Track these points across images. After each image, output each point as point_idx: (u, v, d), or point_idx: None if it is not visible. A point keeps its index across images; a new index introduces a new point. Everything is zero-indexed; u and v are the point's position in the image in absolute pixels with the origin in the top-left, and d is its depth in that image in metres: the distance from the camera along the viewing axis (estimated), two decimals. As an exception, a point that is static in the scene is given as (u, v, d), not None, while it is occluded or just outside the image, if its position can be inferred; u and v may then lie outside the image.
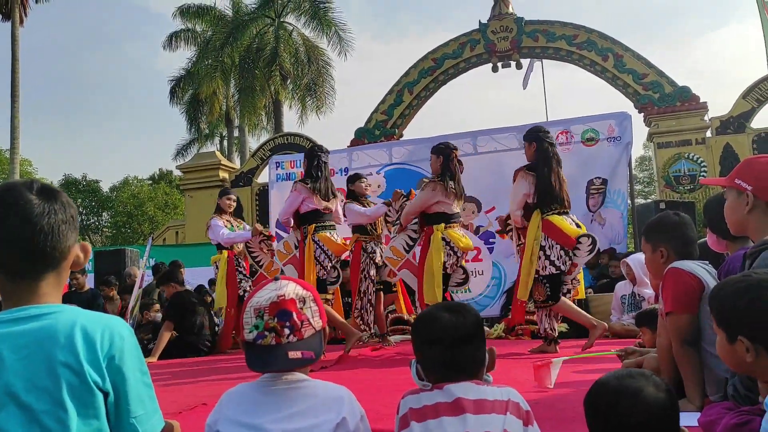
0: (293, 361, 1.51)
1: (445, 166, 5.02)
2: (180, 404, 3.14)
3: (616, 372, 1.43)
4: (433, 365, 1.57)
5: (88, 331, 1.26)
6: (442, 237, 4.88)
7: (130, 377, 1.30)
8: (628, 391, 1.31)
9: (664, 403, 1.30)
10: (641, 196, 29.65)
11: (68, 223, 1.32)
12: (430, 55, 15.12)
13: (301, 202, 5.25)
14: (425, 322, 1.63)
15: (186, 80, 22.41)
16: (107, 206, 34.39)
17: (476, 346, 1.57)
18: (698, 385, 2.41)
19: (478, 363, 1.57)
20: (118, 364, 1.28)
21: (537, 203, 4.71)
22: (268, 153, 15.16)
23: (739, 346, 1.51)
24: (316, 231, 5.22)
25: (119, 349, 1.29)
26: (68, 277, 1.45)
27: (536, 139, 4.84)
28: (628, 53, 13.59)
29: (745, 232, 2.27)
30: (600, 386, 1.38)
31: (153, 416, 1.36)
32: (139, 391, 1.32)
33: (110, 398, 1.27)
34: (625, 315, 5.84)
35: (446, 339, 1.54)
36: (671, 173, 12.86)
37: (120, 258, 9.55)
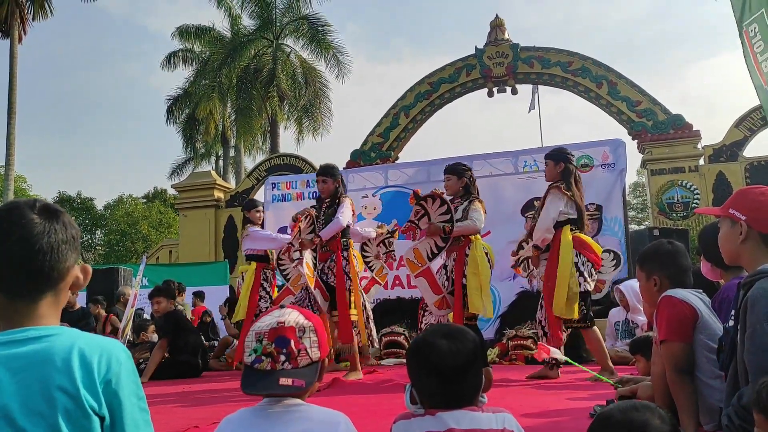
0: (282, 387, 1.51)
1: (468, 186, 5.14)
2: (172, 427, 3.12)
3: (619, 404, 1.41)
4: (429, 393, 1.54)
5: (86, 355, 1.26)
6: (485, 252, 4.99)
7: (126, 402, 1.29)
8: (633, 424, 1.28)
9: None
10: (635, 222, 29.77)
11: (68, 243, 1.31)
12: (427, 79, 15.25)
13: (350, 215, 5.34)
14: (421, 348, 1.57)
15: (183, 100, 22.52)
16: (101, 224, 34.26)
17: (474, 373, 1.53)
18: (693, 414, 2.41)
19: (475, 388, 1.53)
20: (114, 389, 1.27)
21: (568, 221, 4.73)
22: (263, 173, 15.18)
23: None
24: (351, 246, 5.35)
25: (116, 374, 1.28)
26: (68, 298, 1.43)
27: (564, 159, 4.88)
28: (621, 80, 13.74)
29: (739, 261, 2.29)
30: (604, 419, 1.34)
31: None
32: (135, 416, 1.31)
33: (106, 423, 1.26)
34: (618, 341, 5.84)
35: (443, 368, 1.50)
36: (665, 200, 12.93)
37: (113, 277, 9.51)
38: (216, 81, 20.32)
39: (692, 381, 2.44)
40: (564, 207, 4.72)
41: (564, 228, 4.70)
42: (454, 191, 5.12)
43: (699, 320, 2.45)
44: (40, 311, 1.29)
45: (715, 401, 2.35)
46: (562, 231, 4.69)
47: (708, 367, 2.40)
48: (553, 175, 4.90)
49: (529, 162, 7.67)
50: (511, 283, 7.07)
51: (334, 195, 5.32)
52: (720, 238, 2.33)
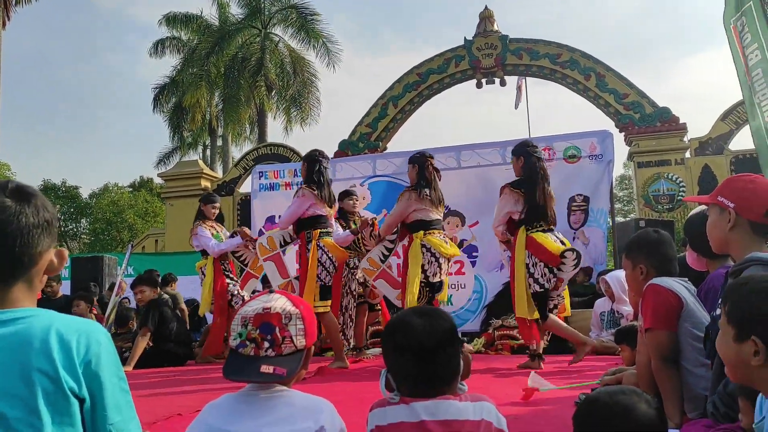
0: (263, 375, 1.49)
1: (420, 174, 5.05)
2: (155, 414, 3.09)
3: (607, 389, 1.40)
4: (404, 374, 1.50)
5: (64, 336, 1.23)
6: (422, 243, 4.88)
7: (107, 383, 1.27)
8: (620, 407, 1.29)
9: (655, 420, 1.28)
10: (621, 214, 29.93)
11: (41, 227, 1.26)
12: (415, 69, 15.21)
13: (308, 207, 5.18)
14: (395, 327, 1.55)
15: (170, 88, 22.31)
16: (86, 213, 33.94)
17: (449, 353, 1.49)
18: (677, 403, 2.42)
19: (452, 372, 1.50)
20: (94, 370, 1.25)
21: (523, 220, 4.73)
22: (251, 163, 15.10)
23: (748, 347, 1.41)
24: (321, 236, 5.13)
25: (96, 355, 1.25)
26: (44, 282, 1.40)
27: (524, 153, 4.85)
28: (610, 73, 13.77)
29: (727, 249, 2.29)
30: (591, 403, 1.34)
31: (130, 423, 1.33)
32: (117, 398, 1.29)
33: (86, 405, 1.24)
34: (604, 332, 5.87)
35: (417, 346, 1.47)
36: (651, 192, 13.01)
37: (97, 265, 9.42)
38: (203, 70, 20.16)
39: (677, 369, 2.45)
40: (512, 207, 4.74)
41: (520, 229, 4.73)
42: (412, 179, 5.14)
43: (684, 309, 2.45)
44: (13, 296, 1.26)
45: (699, 389, 2.35)
46: (518, 233, 4.73)
47: (693, 356, 2.41)
48: (517, 170, 4.91)
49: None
50: (498, 273, 7.08)
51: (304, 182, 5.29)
52: (708, 225, 2.33)
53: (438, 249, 4.90)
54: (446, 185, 7.79)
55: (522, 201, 4.72)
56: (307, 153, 5.49)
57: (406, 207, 4.97)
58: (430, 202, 5.00)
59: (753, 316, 1.41)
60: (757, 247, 2.16)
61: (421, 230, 4.93)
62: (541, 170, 4.84)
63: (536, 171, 4.80)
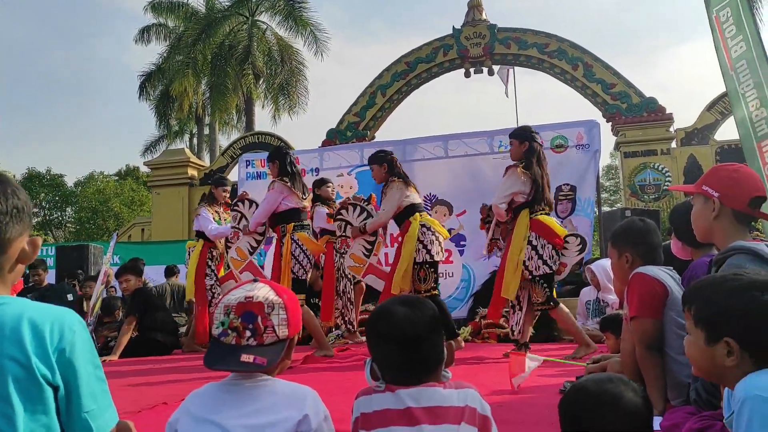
0: (243, 364, 1.48)
1: (391, 168, 5.05)
2: (140, 403, 3.09)
3: (594, 376, 1.40)
4: (388, 363, 1.50)
5: (37, 324, 1.22)
6: (422, 224, 4.86)
7: (82, 371, 1.25)
8: (607, 395, 1.29)
9: (642, 408, 1.29)
10: (607, 204, 30.10)
11: (10, 215, 1.25)
12: (404, 58, 15.16)
13: (281, 200, 5.16)
14: (379, 316, 1.55)
15: (156, 76, 22.07)
16: (71, 201, 33.65)
17: (433, 342, 1.50)
18: (661, 390, 2.44)
19: (435, 360, 1.50)
20: (69, 358, 1.23)
21: (528, 203, 4.70)
22: (238, 151, 15.03)
23: (721, 349, 1.40)
24: (295, 230, 5.12)
25: (70, 342, 1.24)
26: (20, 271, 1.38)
27: (528, 138, 4.80)
28: (597, 63, 13.80)
29: (711, 238, 2.30)
30: (578, 391, 1.35)
31: (106, 411, 1.31)
32: (92, 386, 1.27)
33: (60, 393, 1.23)
34: (589, 320, 5.91)
35: (400, 335, 1.47)
36: (637, 182, 13.09)
37: (83, 254, 9.35)
38: (190, 57, 19.96)
39: (661, 357, 2.47)
40: (520, 187, 4.69)
41: (523, 212, 4.68)
42: (381, 179, 5.08)
43: (669, 297, 2.47)
44: None
45: (683, 377, 2.37)
46: (521, 215, 4.69)
47: (677, 344, 2.42)
48: (518, 154, 4.84)
49: (504, 142, 7.63)
50: (485, 262, 7.09)
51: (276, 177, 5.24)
52: (693, 214, 2.34)
53: (436, 228, 4.91)
54: (434, 174, 7.83)
55: (530, 184, 4.70)
56: (272, 150, 5.49)
57: (400, 196, 4.94)
58: (413, 188, 5.04)
59: (722, 317, 1.40)
60: (741, 236, 2.18)
61: (416, 213, 4.92)
62: (543, 156, 4.84)
63: (540, 156, 4.80)
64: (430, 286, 4.87)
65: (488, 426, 1.45)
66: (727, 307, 1.39)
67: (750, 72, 6.73)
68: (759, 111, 6.58)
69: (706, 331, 1.43)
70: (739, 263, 2.00)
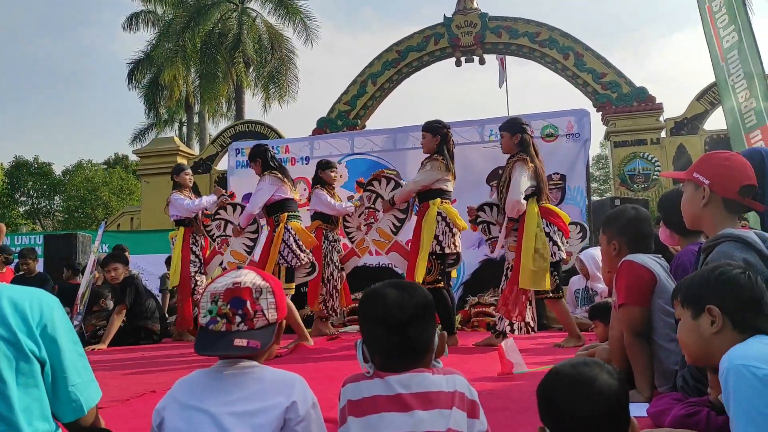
0: (236, 348, 1.48)
1: (442, 145, 4.93)
2: (129, 391, 3.08)
3: (571, 360, 1.42)
4: (377, 346, 1.50)
5: (17, 302, 1.25)
6: (438, 212, 4.78)
7: (64, 347, 1.29)
8: (582, 378, 1.29)
9: (617, 391, 1.29)
10: (597, 193, 30.25)
11: None
12: (395, 47, 15.10)
13: (275, 191, 5.14)
14: (370, 299, 1.55)
15: (145, 63, 21.87)
16: (59, 190, 33.41)
17: (423, 327, 1.49)
18: (648, 377, 2.45)
19: (425, 346, 1.50)
20: (51, 334, 1.27)
21: (534, 193, 4.66)
22: (228, 140, 14.93)
23: (705, 320, 1.60)
24: (289, 219, 5.11)
25: (50, 319, 1.28)
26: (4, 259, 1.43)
27: (519, 130, 4.75)
28: (588, 52, 13.80)
29: (700, 226, 2.31)
30: (554, 374, 1.36)
31: (90, 385, 1.35)
32: (74, 361, 1.31)
33: (47, 368, 1.26)
34: (578, 309, 5.95)
35: (390, 318, 1.47)
36: (626, 172, 13.14)
37: (71, 243, 9.27)
38: (179, 45, 19.79)
39: (649, 344, 2.48)
40: (530, 180, 4.64)
41: (530, 200, 4.64)
42: (429, 149, 4.96)
43: (657, 285, 2.48)
44: None
45: (670, 364, 2.39)
46: (528, 203, 4.63)
47: (665, 331, 2.43)
48: (510, 147, 4.79)
49: (495, 131, 7.63)
50: (476, 251, 7.11)
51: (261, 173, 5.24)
52: (683, 202, 2.34)
53: (453, 220, 4.83)
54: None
55: (533, 175, 4.66)
56: (251, 151, 5.47)
57: (432, 176, 4.85)
58: (452, 175, 4.97)
59: (702, 289, 1.64)
60: (730, 224, 2.18)
61: (438, 198, 4.84)
62: (536, 146, 4.81)
63: (534, 147, 4.77)
64: (434, 278, 4.80)
65: (476, 411, 1.45)
66: (707, 281, 1.64)
67: (741, 63, 6.76)
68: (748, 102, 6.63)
69: (692, 306, 1.65)
70: (727, 251, 2.01)
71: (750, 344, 1.48)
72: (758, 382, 1.35)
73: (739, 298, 1.58)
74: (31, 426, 1.24)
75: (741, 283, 1.59)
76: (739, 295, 1.58)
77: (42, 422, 1.28)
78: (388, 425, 1.39)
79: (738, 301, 1.58)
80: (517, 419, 2.34)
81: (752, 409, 1.34)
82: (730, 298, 1.59)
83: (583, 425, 1.27)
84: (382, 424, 1.39)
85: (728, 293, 1.59)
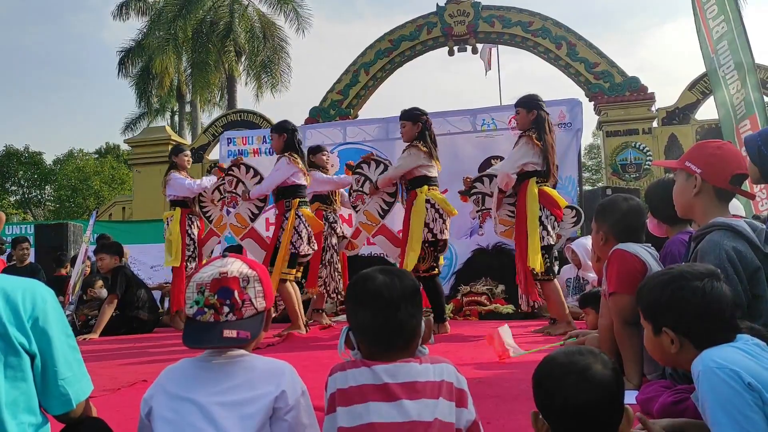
0: (227, 339, 1.48)
1: (423, 131, 4.91)
2: (119, 381, 3.07)
3: (565, 349, 1.42)
4: (363, 331, 1.50)
5: (9, 294, 1.22)
6: (426, 199, 4.77)
7: (56, 340, 1.26)
8: (576, 367, 1.30)
9: (611, 380, 1.30)
10: (589, 183, 30.25)
11: None
12: (387, 36, 15.02)
13: (291, 174, 5.09)
14: (358, 283, 1.55)
15: (136, 52, 21.68)
16: (51, 179, 33.20)
17: (409, 313, 1.48)
18: (637, 365, 2.47)
19: (411, 332, 1.49)
20: (42, 326, 1.24)
21: (536, 172, 4.61)
22: (220, 129, 14.84)
23: (665, 338, 1.58)
24: (300, 206, 5.09)
25: (42, 311, 1.25)
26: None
27: (536, 107, 4.70)
28: (581, 42, 13.78)
29: (691, 215, 2.32)
30: (548, 362, 1.36)
31: (82, 379, 1.33)
32: (66, 354, 1.29)
33: (37, 361, 1.24)
34: (569, 297, 5.97)
35: (377, 302, 1.47)
36: (618, 161, 13.15)
37: (62, 232, 9.23)
38: (170, 33, 19.61)
39: (638, 332, 2.49)
40: (532, 158, 4.59)
41: (530, 180, 4.59)
42: (410, 137, 4.94)
43: (648, 274, 2.49)
44: None
45: (659, 352, 2.40)
46: (528, 183, 4.59)
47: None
48: (525, 123, 4.73)
49: (487, 120, 7.65)
50: (467, 240, 7.12)
51: (281, 152, 5.19)
52: (674, 190, 2.35)
53: (442, 206, 4.82)
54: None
55: (540, 155, 4.62)
56: (280, 124, 5.35)
57: (414, 162, 4.83)
58: (436, 160, 4.93)
59: (657, 308, 1.60)
60: (720, 213, 2.20)
61: (425, 185, 4.82)
62: (551, 125, 4.76)
63: (549, 125, 4.72)
64: (429, 265, 4.80)
65: (464, 400, 1.45)
66: (659, 299, 1.59)
67: (731, 53, 6.77)
68: (739, 93, 6.64)
69: (651, 323, 1.63)
70: (718, 239, 2.03)
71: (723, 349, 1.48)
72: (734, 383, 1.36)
73: (694, 316, 1.54)
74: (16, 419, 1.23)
75: (694, 302, 1.54)
76: (692, 313, 1.54)
77: (28, 415, 1.26)
78: (374, 415, 1.38)
79: (692, 321, 1.54)
80: (508, 406, 2.35)
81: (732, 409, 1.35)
82: (683, 319, 1.55)
83: (577, 413, 1.28)
84: (368, 414, 1.39)
85: (680, 313, 1.56)
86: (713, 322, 1.53)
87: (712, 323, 1.53)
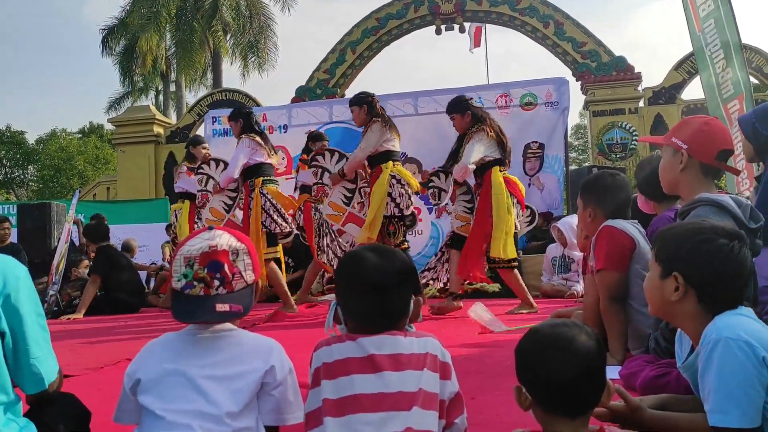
0: (220, 313, 1.46)
1: (372, 111, 4.91)
2: (103, 359, 3.05)
3: (550, 321, 1.43)
4: (352, 310, 1.49)
5: None
6: (391, 174, 4.77)
7: (27, 319, 1.24)
8: (561, 338, 1.30)
9: (594, 351, 1.30)
10: (576, 163, 30.37)
11: None
12: (374, 14, 14.89)
13: (252, 154, 5.04)
14: (349, 261, 1.55)
15: (119, 30, 21.34)
16: (33, 159, 32.79)
17: (399, 293, 1.48)
18: (621, 340, 2.49)
19: (400, 312, 1.49)
20: (14, 304, 1.22)
21: (496, 161, 4.61)
22: (205, 109, 14.68)
23: (670, 283, 1.53)
24: (264, 184, 5.04)
25: (14, 289, 1.23)
26: None
27: (467, 108, 4.72)
28: (568, 21, 13.73)
29: (677, 190, 2.32)
30: (533, 333, 1.36)
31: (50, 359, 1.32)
32: (36, 333, 1.27)
33: (7, 339, 1.22)
34: (555, 276, 6.01)
35: (367, 283, 1.46)
36: (605, 141, 13.19)
37: (44, 212, 9.09)
38: (153, 11, 19.31)
39: (624, 309, 2.51)
40: (489, 149, 4.59)
41: (493, 169, 4.59)
42: (362, 121, 4.96)
43: (636, 250, 2.50)
44: None
45: (645, 327, 2.42)
46: (492, 172, 4.58)
47: (641, 296, 2.45)
48: (464, 126, 4.75)
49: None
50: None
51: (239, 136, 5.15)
52: (660, 166, 2.35)
53: (408, 180, 4.82)
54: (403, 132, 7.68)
55: (495, 143, 4.61)
56: (233, 111, 5.35)
57: (379, 138, 4.80)
58: (396, 134, 4.92)
59: (676, 254, 1.54)
60: (706, 189, 2.20)
61: (390, 161, 4.82)
62: (490, 116, 4.76)
63: (489, 117, 4.72)
64: (400, 239, 4.86)
65: (448, 372, 1.45)
66: (683, 245, 1.54)
67: (717, 32, 6.76)
68: (725, 72, 6.65)
69: (662, 265, 1.57)
70: (703, 214, 2.03)
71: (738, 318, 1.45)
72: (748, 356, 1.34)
73: (711, 272, 1.48)
74: None
75: (718, 258, 1.48)
76: (711, 269, 1.48)
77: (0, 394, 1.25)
78: (359, 386, 1.38)
79: (708, 276, 1.49)
80: (492, 381, 2.37)
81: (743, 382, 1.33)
82: (699, 271, 1.50)
83: (559, 385, 1.28)
84: (353, 385, 1.38)
85: (700, 265, 1.49)
86: (728, 283, 1.49)
87: (726, 285, 1.49)
